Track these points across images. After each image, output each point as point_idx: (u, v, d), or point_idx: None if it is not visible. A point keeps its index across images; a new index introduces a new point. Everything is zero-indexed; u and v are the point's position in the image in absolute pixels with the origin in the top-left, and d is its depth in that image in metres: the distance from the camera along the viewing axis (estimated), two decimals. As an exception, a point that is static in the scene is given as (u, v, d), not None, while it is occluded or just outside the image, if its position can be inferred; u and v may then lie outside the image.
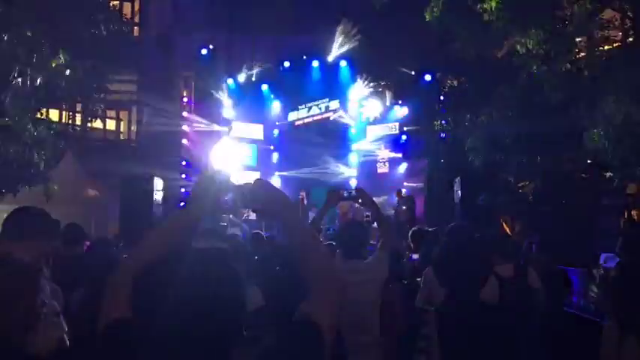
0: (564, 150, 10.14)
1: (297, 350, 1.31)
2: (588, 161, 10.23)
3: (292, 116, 17.28)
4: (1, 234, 2.39)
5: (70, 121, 15.64)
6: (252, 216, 12.12)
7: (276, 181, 15.31)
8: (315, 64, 16.36)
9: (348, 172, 16.53)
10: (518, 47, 8.63)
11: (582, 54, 8.41)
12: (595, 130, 8.16)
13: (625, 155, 8.14)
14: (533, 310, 3.46)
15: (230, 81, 16.46)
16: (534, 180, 10.75)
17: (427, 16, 9.46)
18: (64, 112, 15.23)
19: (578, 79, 8.30)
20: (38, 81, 8.17)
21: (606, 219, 9.71)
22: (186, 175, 15.22)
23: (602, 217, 9.77)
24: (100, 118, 13.07)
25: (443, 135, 14.61)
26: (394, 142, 16.04)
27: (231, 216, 11.40)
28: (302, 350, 1.31)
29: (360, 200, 3.76)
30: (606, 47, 8.32)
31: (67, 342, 2.34)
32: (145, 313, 1.33)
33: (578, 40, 8.48)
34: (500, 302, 2.94)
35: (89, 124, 15.68)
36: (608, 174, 9.71)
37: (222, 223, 11.05)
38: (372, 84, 16.15)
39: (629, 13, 8.43)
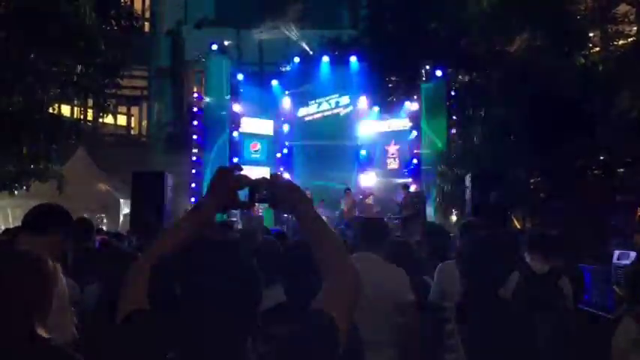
0: (577, 146, 10.04)
1: (310, 339, 1.31)
2: (601, 157, 10.12)
3: (302, 112, 17.26)
4: (22, 227, 2.49)
5: (82, 117, 15.76)
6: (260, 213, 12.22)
7: (286, 176, 15.30)
8: (326, 59, 16.32)
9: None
10: (530, 42, 8.56)
11: (597, 49, 8.32)
12: (609, 126, 8.08)
13: (639, 151, 8.06)
14: (554, 310, 3.41)
15: (240, 76, 16.47)
16: (546, 177, 10.65)
17: None
18: (75, 108, 15.34)
19: (593, 74, 8.22)
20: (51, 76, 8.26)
21: (619, 216, 9.60)
22: (197, 170, 15.25)
23: (614, 214, 9.66)
24: (112, 114, 13.14)
25: (453, 131, 14.53)
26: (404, 138, 15.96)
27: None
28: (315, 339, 1.31)
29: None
30: (621, 42, 8.22)
31: (78, 335, 2.37)
32: (161, 304, 1.34)
33: (592, 34, 8.39)
34: (523, 297, 2.89)
35: (101, 120, 15.80)
36: (621, 170, 9.62)
37: (233, 219, 11.10)
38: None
39: (644, 8, 8.33)
